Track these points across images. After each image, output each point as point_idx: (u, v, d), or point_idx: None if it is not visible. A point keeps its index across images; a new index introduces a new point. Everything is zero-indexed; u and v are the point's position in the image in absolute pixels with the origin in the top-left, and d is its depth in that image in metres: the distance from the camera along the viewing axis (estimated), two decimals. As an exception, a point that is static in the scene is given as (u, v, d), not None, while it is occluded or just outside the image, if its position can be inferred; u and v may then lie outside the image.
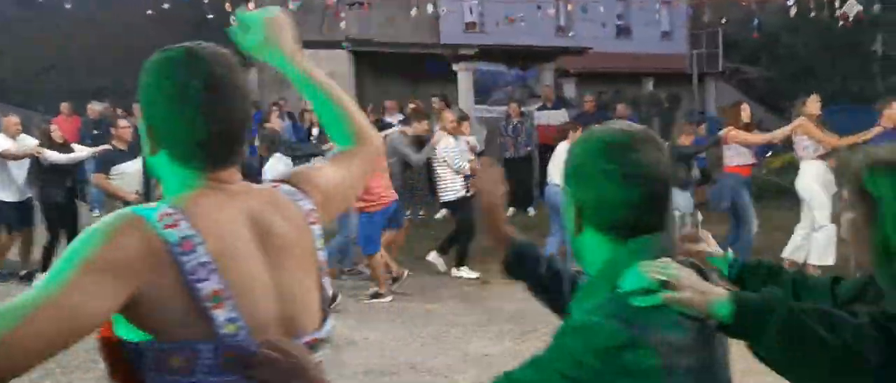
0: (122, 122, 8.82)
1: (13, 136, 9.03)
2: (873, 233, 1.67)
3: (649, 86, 20.75)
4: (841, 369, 1.45)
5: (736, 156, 8.46)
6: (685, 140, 8.86)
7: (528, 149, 14.11)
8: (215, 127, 1.53)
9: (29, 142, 9.13)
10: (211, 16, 14.32)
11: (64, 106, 15.28)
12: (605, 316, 1.38)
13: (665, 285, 1.37)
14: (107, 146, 8.56)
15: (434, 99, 13.95)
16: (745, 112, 8.53)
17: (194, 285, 1.45)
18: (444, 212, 11.08)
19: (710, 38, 21.37)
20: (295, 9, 13.66)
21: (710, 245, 2.13)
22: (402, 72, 18.22)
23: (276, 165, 7.97)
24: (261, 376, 1.47)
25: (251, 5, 12.45)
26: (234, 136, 1.58)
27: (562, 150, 8.54)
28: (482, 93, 17.21)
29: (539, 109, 15.15)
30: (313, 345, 1.62)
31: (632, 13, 25.14)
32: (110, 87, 20.45)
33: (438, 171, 9.03)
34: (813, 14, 14.90)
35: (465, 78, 16.80)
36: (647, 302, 1.37)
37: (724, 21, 19.23)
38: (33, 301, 1.34)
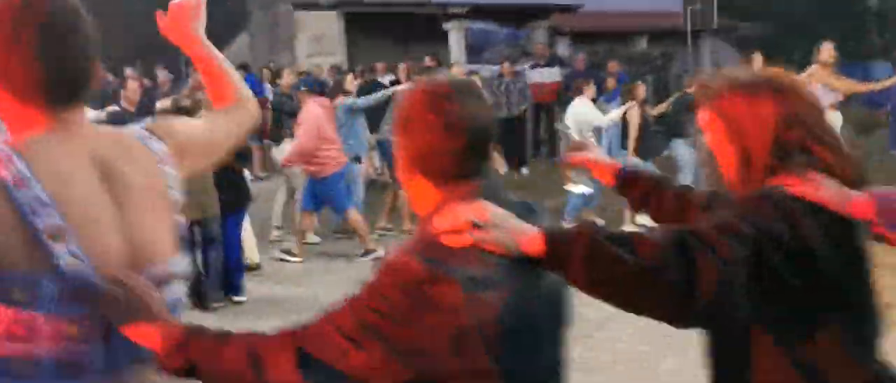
0: (132, 84, 8.84)
1: None
2: (733, 148, 1.75)
3: (643, 44, 20.58)
4: (643, 288, 1.49)
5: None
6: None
7: (523, 108, 14.10)
8: (52, 68, 1.57)
9: None
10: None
11: None
12: (413, 254, 1.47)
13: (474, 225, 1.43)
14: (115, 107, 8.46)
15: (427, 58, 13.90)
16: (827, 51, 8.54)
17: (31, 220, 1.50)
18: None
19: None
20: None
21: (593, 153, 2.26)
22: (393, 32, 17.94)
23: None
24: (104, 309, 1.54)
25: None
26: (72, 78, 1.62)
27: (577, 106, 8.68)
28: (474, 52, 17.02)
29: (532, 68, 15.02)
30: (161, 280, 1.68)
31: None
32: (102, 52, 19.85)
33: None
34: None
35: (456, 37, 16.61)
36: (454, 241, 1.44)
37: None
38: None
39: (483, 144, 1.64)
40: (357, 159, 8.81)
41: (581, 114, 8.41)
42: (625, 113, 8.70)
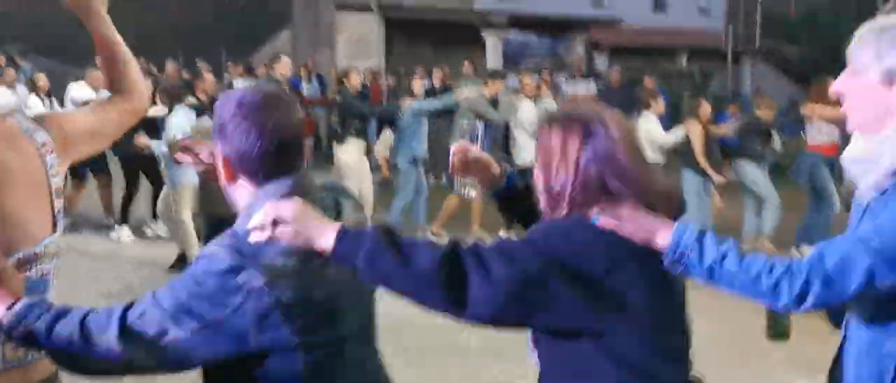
0: (208, 77, 9.06)
1: (97, 89, 9.20)
2: (544, 177, 1.91)
3: (683, 61, 20.39)
4: (418, 292, 1.70)
5: (818, 134, 8.20)
6: (765, 113, 8.55)
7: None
8: None
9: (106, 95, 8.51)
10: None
11: (98, 61, 14.60)
12: (223, 246, 1.70)
13: (275, 222, 1.64)
14: (193, 99, 8.48)
15: (464, 63, 13.93)
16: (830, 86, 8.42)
17: None
18: None
19: (748, 14, 20.96)
20: None
21: (480, 155, 2.31)
22: (432, 37, 18.11)
23: (178, 119, 7.49)
24: None
25: None
26: None
27: (642, 123, 8.44)
28: (511, 61, 17.18)
29: (568, 80, 15.06)
30: (30, 260, 1.84)
31: None
32: (143, 40, 20.38)
33: (516, 135, 9.06)
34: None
35: (493, 45, 17.10)
36: (256, 237, 1.66)
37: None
38: None
39: (294, 147, 1.84)
40: (416, 161, 8.86)
41: (645, 130, 8.37)
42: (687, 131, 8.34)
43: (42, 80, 10.31)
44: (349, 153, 8.57)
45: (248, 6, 24.45)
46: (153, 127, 8.09)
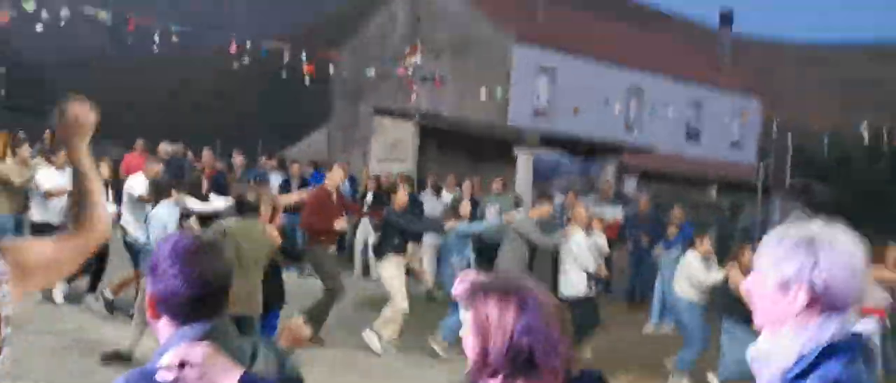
0: (206, 155, 9.96)
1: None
2: (476, 343, 1.96)
3: (713, 192, 18.10)
4: None
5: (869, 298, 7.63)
6: None
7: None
8: None
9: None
10: (284, 75, 16.38)
11: (139, 143, 15.30)
12: (131, 377, 1.93)
13: (182, 365, 1.81)
14: (177, 195, 8.49)
15: (495, 181, 14.19)
16: (893, 253, 8.25)
17: None
18: None
19: (780, 152, 17.29)
20: (370, 75, 18.25)
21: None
22: (465, 148, 18.06)
23: (161, 212, 7.89)
24: None
25: (332, 69, 17.87)
26: None
27: (689, 258, 8.54)
28: (542, 179, 17.80)
29: (596, 203, 14.37)
30: None
31: (703, 118, 24.99)
32: (185, 126, 14.72)
33: (564, 265, 8.76)
34: (888, 143, 16.62)
35: (524, 162, 17.64)
36: (162, 376, 1.82)
37: (795, 137, 17.68)
38: None
39: (217, 295, 2.04)
40: None
41: (689, 267, 8.32)
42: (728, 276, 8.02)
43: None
44: (389, 268, 8.79)
45: (289, 100, 24.37)
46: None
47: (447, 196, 14.01)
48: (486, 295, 1.90)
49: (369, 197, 13.63)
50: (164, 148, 14.66)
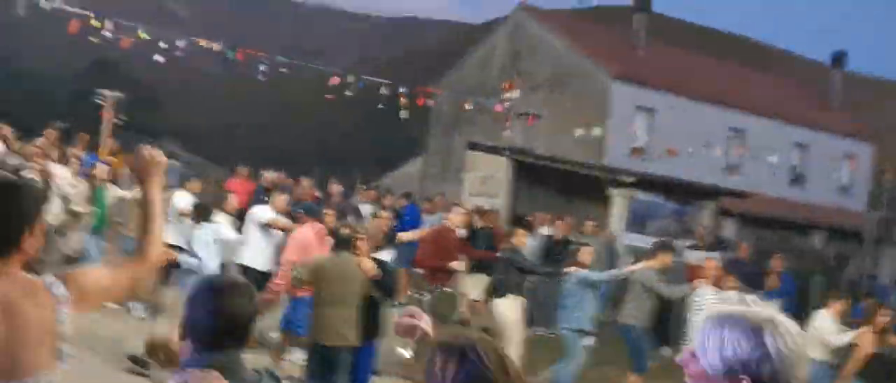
0: (384, 213, 9.80)
1: (281, 210, 9.59)
2: None
3: (818, 240, 17.34)
4: None
5: None
6: None
7: (680, 289, 12.24)
8: None
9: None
10: (381, 106, 16.80)
11: (241, 170, 15.80)
12: None
13: None
14: (219, 217, 9.09)
15: (589, 223, 14.03)
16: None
17: None
18: None
19: (893, 199, 16.25)
20: (469, 107, 18.95)
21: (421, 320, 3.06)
22: (559, 185, 17.94)
23: (203, 233, 8.41)
24: None
25: (430, 102, 18.22)
26: None
27: (820, 319, 8.14)
28: (636, 221, 17.33)
29: (691, 247, 14.00)
30: None
31: (809, 161, 24.14)
32: (286, 152, 15.43)
33: (692, 320, 8.42)
34: None
35: (619, 203, 17.23)
36: None
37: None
38: None
39: (237, 331, 2.39)
40: (582, 333, 8.49)
41: (820, 328, 7.94)
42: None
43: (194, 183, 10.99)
44: (509, 309, 8.75)
45: (386, 131, 24.37)
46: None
47: (538, 233, 13.85)
48: (434, 352, 2.07)
49: (462, 233, 13.46)
50: (267, 176, 15.06)
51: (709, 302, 8.17)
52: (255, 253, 9.34)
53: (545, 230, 14.05)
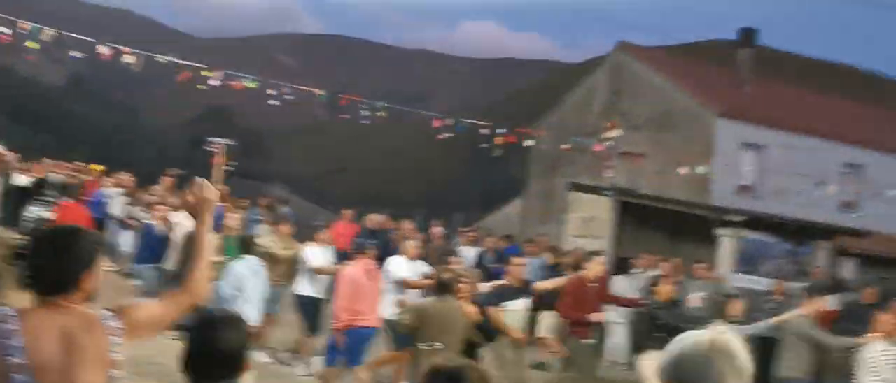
0: (517, 260, 9.15)
1: (413, 257, 9.54)
2: None
3: None
4: None
5: None
6: None
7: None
8: (38, 274, 2.76)
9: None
10: (485, 145, 16.95)
11: (346, 213, 16.06)
12: None
13: None
14: (503, 282, 8.82)
15: (697, 265, 13.15)
16: None
17: (6, 357, 2.62)
18: None
19: None
20: (569, 146, 18.89)
21: None
22: (664, 226, 17.36)
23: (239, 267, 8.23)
24: None
25: (530, 142, 18.88)
26: (49, 283, 2.74)
27: (876, 350, 7.77)
28: (747, 262, 16.47)
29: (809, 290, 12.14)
30: None
31: None
32: (390, 194, 15.89)
33: (857, 375, 7.90)
34: None
35: (728, 244, 16.42)
36: None
37: None
38: None
39: (223, 364, 2.60)
40: None
41: None
42: None
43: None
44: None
45: (487, 172, 27.83)
46: None
47: (640, 275, 13.58)
48: (430, 374, 2.27)
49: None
50: (372, 218, 15.48)
51: (879, 361, 7.65)
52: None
53: (649, 273, 13.63)
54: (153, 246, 10.92)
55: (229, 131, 24.68)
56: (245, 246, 8.52)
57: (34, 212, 10.69)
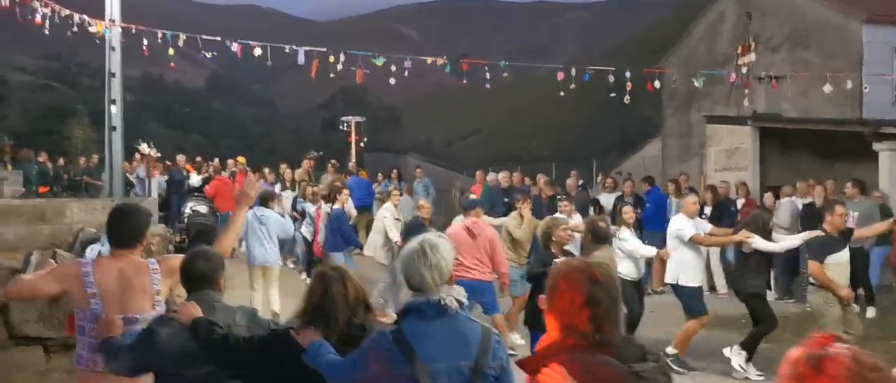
0: (839, 209, 7.97)
1: (690, 216, 8.89)
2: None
3: None
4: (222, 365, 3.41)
5: None
6: None
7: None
8: (112, 223, 4.39)
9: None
10: (613, 94, 16.36)
11: (478, 174, 16.99)
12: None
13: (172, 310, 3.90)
14: (819, 232, 7.94)
15: (849, 184, 12.48)
16: None
17: (86, 289, 4.16)
18: None
19: None
20: (699, 85, 17.34)
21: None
22: (812, 149, 16.60)
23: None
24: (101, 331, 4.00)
25: (658, 83, 17.55)
26: (119, 236, 4.31)
27: None
28: None
29: None
30: (132, 321, 4.10)
31: None
32: (524, 153, 16.05)
33: None
34: None
35: (887, 158, 15.31)
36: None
37: None
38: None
39: (202, 279, 3.82)
40: None
41: None
42: None
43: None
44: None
45: (622, 117, 25.82)
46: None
47: (797, 202, 13.15)
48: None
49: (708, 210, 13.21)
50: (501, 176, 15.69)
51: None
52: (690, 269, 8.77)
53: (802, 199, 13.14)
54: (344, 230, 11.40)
55: (361, 109, 25.30)
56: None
57: (191, 207, 11.54)
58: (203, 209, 11.87)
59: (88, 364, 4.14)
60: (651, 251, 9.17)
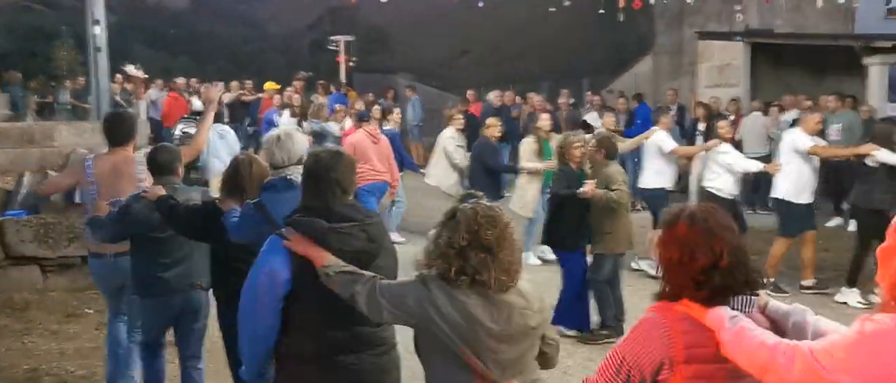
0: (815, 115, 8.54)
1: (811, 133, 8.47)
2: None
3: None
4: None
5: None
6: None
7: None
8: (107, 127, 5.60)
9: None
10: (602, 11, 16.31)
11: (470, 93, 17.56)
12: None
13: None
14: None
15: (829, 98, 12.90)
16: None
17: (87, 177, 5.47)
18: None
19: None
20: (691, 2, 17.17)
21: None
22: (803, 64, 16.44)
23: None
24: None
25: None
26: (114, 136, 5.49)
27: None
28: None
29: None
30: (117, 202, 5.17)
31: None
32: (516, 72, 16.06)
33: None
34: None
35: (877, 73, 15.07)
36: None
37: None
38: None
39: (166, 167, 4.99)
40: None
41: None
42: None
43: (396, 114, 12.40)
44: None
45: (613, 34, 22.61)
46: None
47: (788, 117, 13.20)
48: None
49: (701, 126, 13.26)
50: (493, 95, 15.83)
51: None
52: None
53: (793, 114, 13.16)
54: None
55: (351, 29, 24.92)
56: None
57: (181, 129, 11.49)
58: (193, 131, 11.81)
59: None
60: (755, 165, 8.77)
